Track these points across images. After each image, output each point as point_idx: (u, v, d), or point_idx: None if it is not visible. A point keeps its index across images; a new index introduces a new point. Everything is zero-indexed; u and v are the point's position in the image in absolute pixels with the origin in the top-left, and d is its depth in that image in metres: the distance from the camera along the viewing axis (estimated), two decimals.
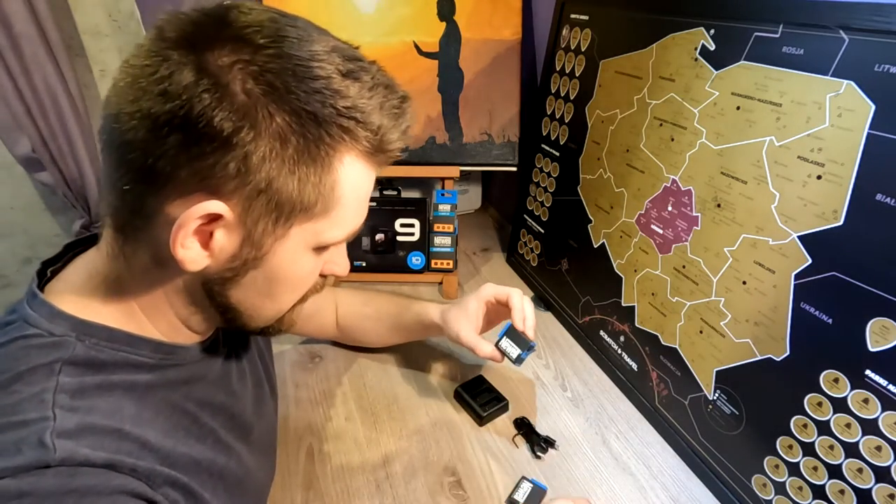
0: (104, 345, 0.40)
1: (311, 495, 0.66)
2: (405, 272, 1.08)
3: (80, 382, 0.38)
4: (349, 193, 0.40)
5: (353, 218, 0.43)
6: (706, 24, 0.67)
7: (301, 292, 0.46)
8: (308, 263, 0.43)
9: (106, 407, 0.38)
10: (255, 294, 0.43)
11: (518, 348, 0.68)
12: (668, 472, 0.69)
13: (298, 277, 0.44)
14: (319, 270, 0.46)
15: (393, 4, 1.04)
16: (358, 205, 0.43)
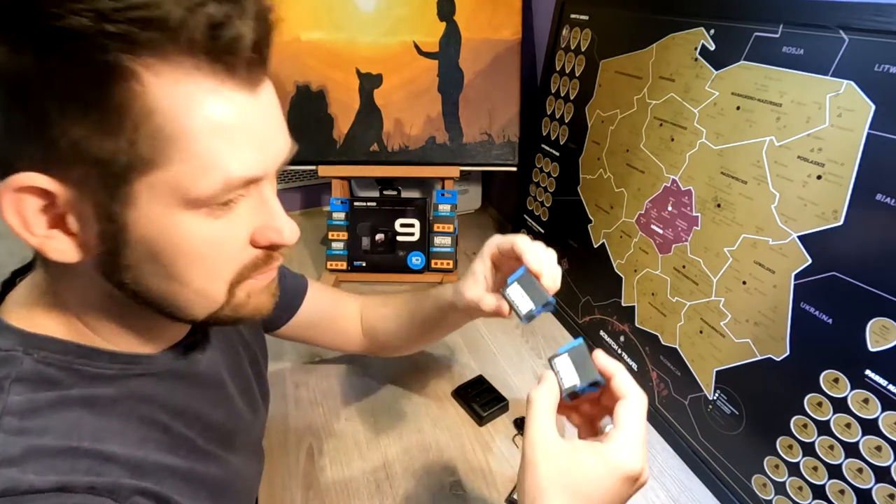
0: (56, 358, 0.38)
1: (311, 495, 0.66)
2: (405, 272, 1.08)
3: (32, 400, 0.35)
4: (193, 125, 0.32)
5: (223, 159, 0.33)
6: (706, 24, 0.67)
7: (217, 265, 0.38)
8: (196, 228, 0.35)
9: (61, 425, 0.36)
10: (159, 277, 0.37)
11: (531, 301, 0.50)
12: (668, 472, 0.69)
13: (193, 247, 0.36)
14: (245, 240, 0.38)
15: (393, 4, 1.04)
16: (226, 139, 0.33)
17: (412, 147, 1.09)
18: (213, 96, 0.32)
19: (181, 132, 0.32)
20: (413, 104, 1.07)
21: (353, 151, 1.09)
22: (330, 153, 1.09)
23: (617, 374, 0.41)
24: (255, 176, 0.36)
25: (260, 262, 0.40)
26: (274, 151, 0.38)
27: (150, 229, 0.34)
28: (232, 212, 0.36)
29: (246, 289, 0.41)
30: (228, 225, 0.37)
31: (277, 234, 0.39)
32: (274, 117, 0.38)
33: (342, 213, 1.08)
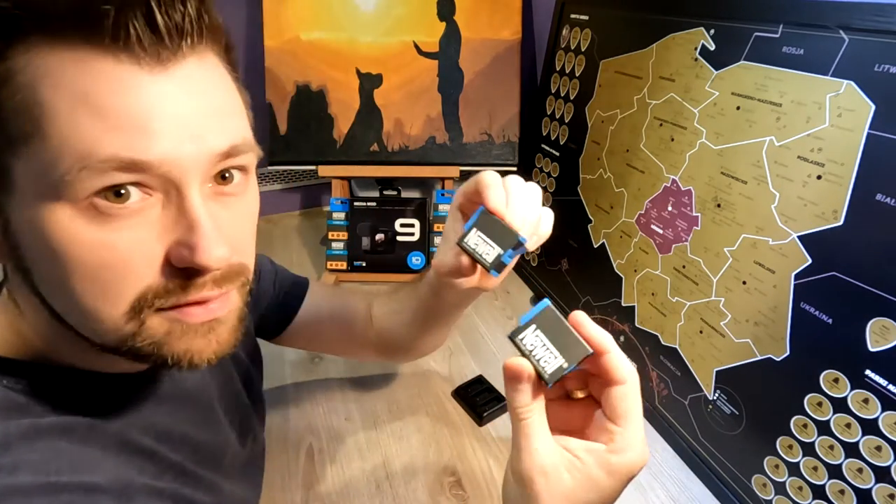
0: (26, 383, 0.34)
1: (311, 495, 0.66)
2: (405, 272, 1.08)
3: (4, 433, 0.32)
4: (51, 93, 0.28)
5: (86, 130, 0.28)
6: (706, 24, 0.67)
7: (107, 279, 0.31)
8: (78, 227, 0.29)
9: (36, 458, 0.32)
10: (56, 287, 0.32)
11: (496, 246, 0.40)
12: (668, 472, 0.69)
13: (74, 251, 0.30)
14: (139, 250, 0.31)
15: (393, 4, 1.04)
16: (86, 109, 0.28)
17: (412, 147, 1.09)
18: (82, 69, 0.29)
19: (43, 104, 0.28)
20: (413, 104, 1.07)
21: (353, 151, 1.09)
22: (330, 153, 1.09)
23: (611, 349, 0.32)
24: (136, 159, 0.29)
25: (174, 286, 0.32)
26: (196, 144, 0.31)
27: (32, 225, 0.30)
28: (136, 216, 0.30)
29: (165, 322, 0.33)
30: (129, 231, 0.30)
31: (190, 251, 0.31)
32: (200, 106, 0.32)
33: (342, 213, 1.08)
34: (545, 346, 0.32)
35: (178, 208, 0.31)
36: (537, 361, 0.31)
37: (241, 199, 0.36)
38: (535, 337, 0.32)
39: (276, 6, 1.03)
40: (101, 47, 0.29)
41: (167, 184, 0.31)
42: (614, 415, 0.32)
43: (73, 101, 0.28)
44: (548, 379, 0.31)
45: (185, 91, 0.31)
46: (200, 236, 0.31)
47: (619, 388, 0.31)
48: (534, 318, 0.32)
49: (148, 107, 0.30)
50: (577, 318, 0.32)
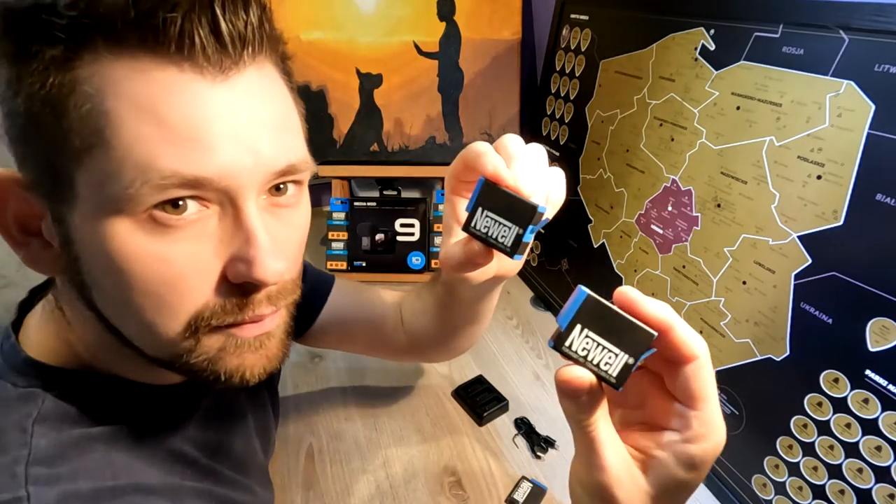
0: (76, 394, 0.35)
1: (311, 495, 0.66)
2: (405, 272, 1.08)
3: (58, 443, 0.33)
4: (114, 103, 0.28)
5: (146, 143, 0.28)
6: (706, 24, 0.67)
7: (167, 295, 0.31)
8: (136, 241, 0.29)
9: (92, 465, 0.34)
10: (113, 300, 0.32)
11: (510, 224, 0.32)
12: None
13: (133, 265, 0.30)
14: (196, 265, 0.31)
15: (393, 4, 1.04)
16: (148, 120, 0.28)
17: (412, 147, 1.09)
18: (144, 79, 0.28)
19: (106, 115, 0.28)
20: (413, 104, 1.07)
21: (353, 151, 1.09)
22: (330, 153, 1.09)
23: (675, 324, 0.26)
24: (202, 176, 0.29)
25: (232, 307, 0.32)
26: (252, 157, 0.31)
27: (92, 237, 0.30)
28: (192, 228, 0.30)
29: (220, 339, 0.33)
30: (186, 244, 0.30)
31: (247, 266, 0.31)
32: (256, 118, 0.31)
33: (342, 213, 1.08)
34: (599, 345, 0.25)
35: (234, 220, 0.31)
36: (597, 366, 0.25)
37: (295, 212, 0.36)
38: (585, 338, 0.26)
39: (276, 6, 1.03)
40: (166, 56, 0.28)
41: (223, 196, 0.31)
42: (689, 397, 0.26)
43: (136, 111, 0.28)
44: (615, 383, 0.26)
45: (244, 102, 0.31)
46: (258, 249, 0.31)
47: (689, 366, 0.26)
48: (576, 316, 0.26)
49: (209, 118, 0.29)
50: (628, 296, 0.26)
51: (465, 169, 0.36)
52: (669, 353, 0.26)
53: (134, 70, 0.28)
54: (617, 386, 0.26)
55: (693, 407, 0.26)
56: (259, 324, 0.34)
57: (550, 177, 0.36)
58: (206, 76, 0.29)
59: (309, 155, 0.35)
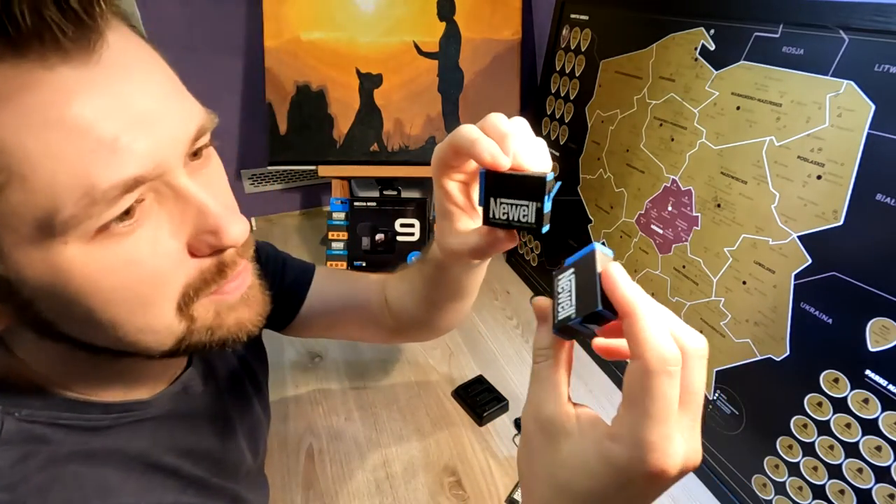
0: (41, 415, 0.33)
1: (311, 495, 0.66)
2: None
3: (22, 466, 0.31)
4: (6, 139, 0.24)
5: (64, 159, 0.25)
6: (706, 24, 0.67)
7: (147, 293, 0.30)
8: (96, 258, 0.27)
9: (59, 489, 0.32)
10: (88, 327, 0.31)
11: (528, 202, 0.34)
12: None
13: (101, 283, 0.28)
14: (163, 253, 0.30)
15: (393, 4, 1.04)
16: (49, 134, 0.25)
17: (412, 147, 1.09)
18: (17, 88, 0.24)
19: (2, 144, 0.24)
20: (413, 104, 1.07)
21: (353, 151, 1.09)
22: (330, 153, 1.09)
23: (634, 314, 0.25)
24: (139, 174, 0.27)
25: (212, 275, 0.32)
26: (167, 131, 0.28)
27: (39, 279, 0.27)
28: (143, 225, 0.29)
29: (211, 307, 0.33)
30: (143, 240, 0.29)
31: (216, 237, 0.30)
32: (149, 86, 0.28)
33: (342, 213, 1.08)
34: (570, 291, 0.28)
35: (176, 200, 0.30)
36: (557, 305, 0.28)
37: (211, 166, 0.35)
38: (568, 280, 0.28)
39: (276, 6, 1.03)
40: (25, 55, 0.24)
41: (156, 183, 0.29)
42: (625, 397, 0.25)
43: (33, 132, 0.24)
44: (555, 325, 0.28)
45: (134, 76, 0.28)
46: (217, 217, 0.30)
47: (635, 364, 0.25)
48: (576, 261, 0.28)
49: (113, 110, 0.26)
50: (609, 271, 0.26)
51: (454, 154, 0.36)
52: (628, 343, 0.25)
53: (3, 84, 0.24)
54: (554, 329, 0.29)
55: (626, 409, 0.25)
56: (240, 282, 0.35)
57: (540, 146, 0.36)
58: (74, 62, 0.25)
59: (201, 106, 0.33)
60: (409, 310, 0.60)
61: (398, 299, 0.61)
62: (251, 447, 0.53)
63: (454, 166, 0.37)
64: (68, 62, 0.25)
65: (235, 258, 0.34)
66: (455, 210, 0.39)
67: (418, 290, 0.56)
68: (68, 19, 0.24)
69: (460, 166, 0.38)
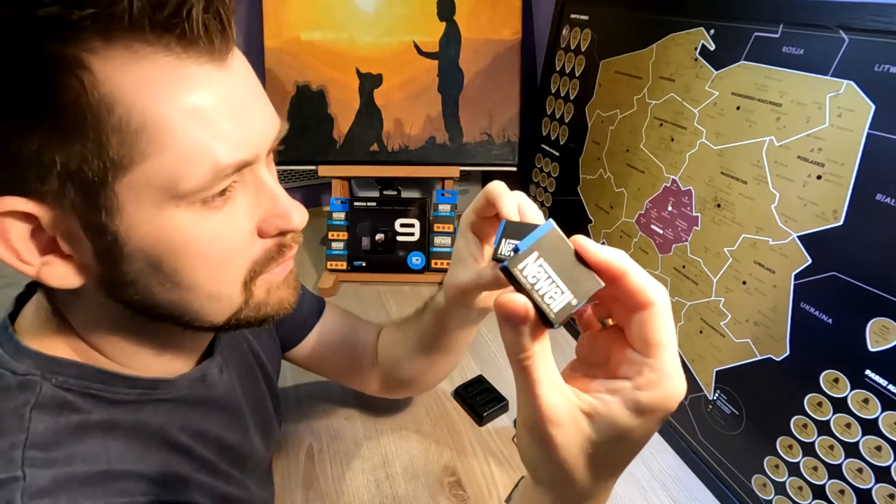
0: (74, 383, 0.36)
1: (311, 495, 0.66)
2: (405, 272, 1.08)
3: (55, 428, 0.34)
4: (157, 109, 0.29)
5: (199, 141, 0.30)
6: (706, 24, 0.67)
7: (225, 264, 0.35)
8: (194, 226, 0.32)
9: (87, 451, 0.35)
10: (165, 288, 0.34)
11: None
12: (668, 472, 0.69)
13: (195, 248, 0.33)
14: (251, 232, 0.36)
15: (393, 4, 1.04)
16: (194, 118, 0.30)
17: (412, 147, 1.09)
18: (175, 75, 0.29)
19: (150, 121, 0.29)
20: (413, 104, 1.07)
21: (353, 151, 1.09)
22: (330, 153, 1.09)
23: (628, 270, 0.26)
24: (245, 159, 0.33)
25: (273, 254, 0.38)
26: (261, 129, 0.35)
27: (145, 236, 0.32)
28: (230, 202, 0.34)
29: (264, 285, 0.38)
30: (229, 217, 0.34)
31: (284, 220, 0.36)
32: (253, 91, 0.35)
33: (342, 213, 1.08)
34: (549, 278, 0.25)
35: (256, 185, 0.36)
36: (542, 297, 0.25)
37: (273, 164, 0.40)
38: (538, 267, 0.25)
39: (276, 6, 1.03)
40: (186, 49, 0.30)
41: (244, 170, 0.34)
42: (643, 344, 0.26)
43: (181, 112, 0.30)
44: (554, 319, 0.25)
45: (246, 80, 0.34)
46: (285, 205, 0.36)
47: (643, 312, 0.25)
48: (536, 243, 0.26)
49: (236, 104, 0.32)
50: (580, 242, 0.26)
51: (485, 207, 0.43)
52: (625, 300, 0.26)
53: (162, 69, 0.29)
54: (554, 323, 0.25)
55: (647, 354, 0.25)
56: (287, 264, 0.40)
57: None
58: (219, 64, 0.31)
59: None
60: (398, 359, 0.64)
61: (389, 348, 0.65)
62: (263, 441, 0.55)
63: (484, 216, 0.44)
64: (213, 62, 0.31)
65: (292, 242, 0.39)
66: (470, 258, 0.46)
67: (412, 340, 0.60)
68: (221, 28, 0.31)
69: (486, 217, 0.44)
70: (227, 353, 0.50)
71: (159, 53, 0.29)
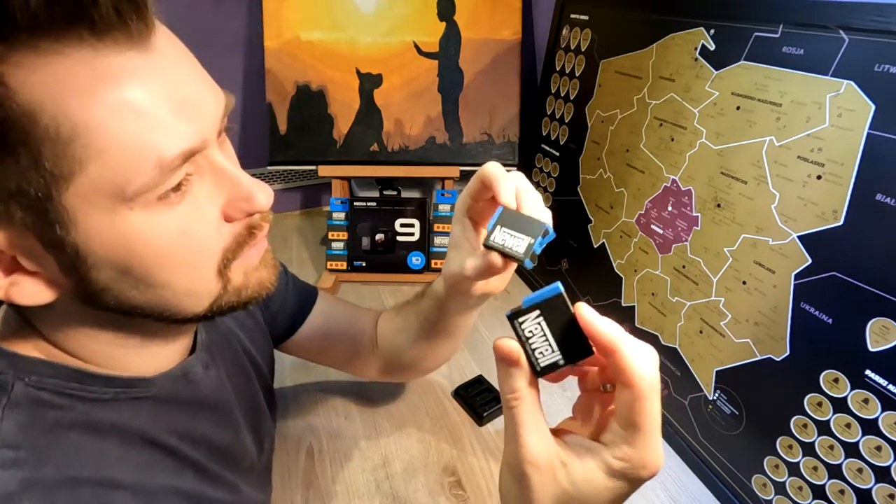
0: (49, 382, 0.35)
1: (311, 495, 0.66)
2: (405, 272, 1.08)
3: (28, 428, 0.33)
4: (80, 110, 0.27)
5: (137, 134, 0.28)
6: (706, 24, 0.67)
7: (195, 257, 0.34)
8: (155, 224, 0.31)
9: (60, 454, 0.34)
10: (140, 290, 0.34)
11: (524, 237, 0.38)
12: (667, 472, 0.69)
13: (161, 246, 0.32)
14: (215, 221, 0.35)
15: (393, 4, 1.04)
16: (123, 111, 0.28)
17: (412, 147, 1.09)
18: (95, 70, 0.27)
19: (79, 125, 0.27)
20: (413, 104, 1.07)
21: (353, 151, 1.09)
22: (330, 153, 1.09)
23: (620, 349, 0.27)
24: (192, 147, 0.31)
25: (244, 238, 0.37)
26: (204, 110, 0.32)
27: (107, 244, 0.31)
28: (188, 195, 0.32)
29: (240, 269, 0.37)
30: (191, 210, 0.33)
31: (249, 203, 0.35)
32: (187, 69, 0.32)
33: (342, 213, 1.08)
34: (544, 336, 0.28)
35: (212, 172, 0.34)
36: (532, 351, 0.29)
37: (228, 143, 0.38)
38: (536, 324, 0.29)
39: (276, 6, 1.03)
40: (97, 41, 0.27)
41: (197, 157, 0.33)
42: (623, 422, 0.27)
43: (112, 113, 0.28)
44: (539, 372, 0.29)
45: (177, 59, 0.31)
46: (248, 187, 0.35)
47: (629, 391, 0.27)
48: (540, 303, 0.28)
49: (167, 87, 0.30)
50: (582, 312, 0.28)
51: (481, 190, 0.42)
52: (615, 374, 0.27)
53: (75, 65, 0.27)
54: (539, 374, 0.29)
55: (624, 430, 0.27)
56: (259, 245, 0.39)
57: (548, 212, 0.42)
58: (137, 49, 0.29)
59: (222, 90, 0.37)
60: (399, 345, 0.63)
61: (390, 333, 0.65)
62: (255, 440, 0.54)
63: (480, 200, 0.43)
64: (134, 48, 0.28)
65: (261, 222, 0.37)
66: (466, 244, 0.45)
67: (413, 325, 0.60)
68: (136, 7, 0.28)
69: (482, 201, 0.43)
70: (214, 350, 0.49)
71: (72, 49, 0.26)
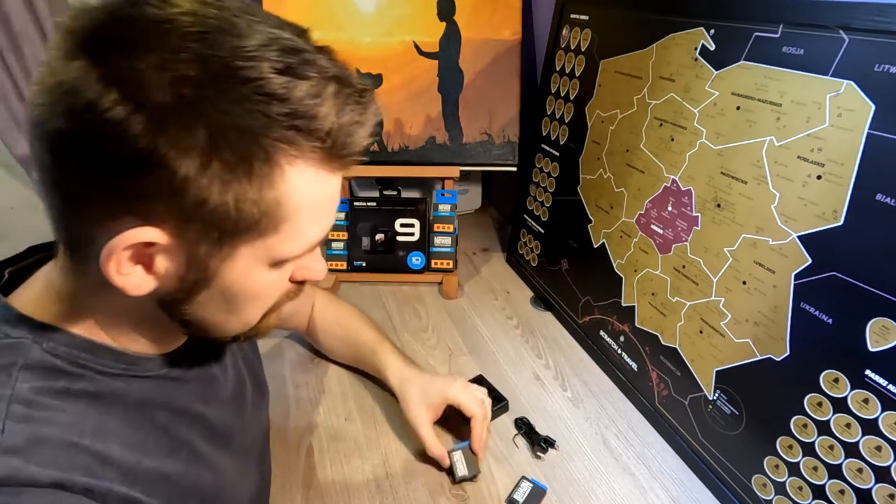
0: (63, 350, 0.38)
1: (311, 495, 0.66)
2: (405, 272, 1.08)
3: (40, 390, 0.36)
4: (302, 206, 0.36)
5: (311, 229, 0.38)
6: (706, 24, 0.67)
7: (268, 303, 0.43)
8: (267, 277, 0.39)
9: (66, 418, 0.36)
10: (215, 311, 0.40)
11: (466, 469, 0.66)
12: (668, 472, 0.69)
13: (258, 291, 0.40)
14: (287, 279, 0.42)
15: (393, 4, 1.04)
16: (317, 215, 0.38)
17: (412, 147, 1.09)
18: (324, 183, 0.37)
19: (294, 211, 0.36)
20: (413, 104, 1.07)
21: None
22: None
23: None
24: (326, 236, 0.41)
25: (292, 294, 0.45)
26: None
27: (235, 278, 0.38)
28: (292, 262, 0.40)
29: (272, 314, 0.44)
30: (284, 271, 0.41)
31: (314, 273, 0.44)
32: None
33: (342, 213, 1.08)
34: (462, 461, 0.67)
35: None
36: (455, 467, 0.67)
37: None
38: (460, 456, 0.68)
39: (276, 6, 1.03)
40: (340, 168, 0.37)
41: None
42: None
43: (314, 208, 0.37)
44: (457, 478, 0.67)
45: None
46: (323, 264, 0.44)
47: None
48: (463, 448, 0.68)
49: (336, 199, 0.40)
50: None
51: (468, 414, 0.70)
52: None
53: (319, 179, 0.36)
54: (456, 480, 0.67)
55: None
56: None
57: None
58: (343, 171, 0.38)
59: None
60: (327, 345, 0.85)
61: (324, 333, 0.84)
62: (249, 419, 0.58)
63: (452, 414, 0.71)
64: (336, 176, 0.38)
65: (307, 287, 0.46)
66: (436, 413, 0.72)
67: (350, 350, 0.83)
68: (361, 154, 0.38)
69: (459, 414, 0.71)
70: None
71: (325, 168, 0.36)
